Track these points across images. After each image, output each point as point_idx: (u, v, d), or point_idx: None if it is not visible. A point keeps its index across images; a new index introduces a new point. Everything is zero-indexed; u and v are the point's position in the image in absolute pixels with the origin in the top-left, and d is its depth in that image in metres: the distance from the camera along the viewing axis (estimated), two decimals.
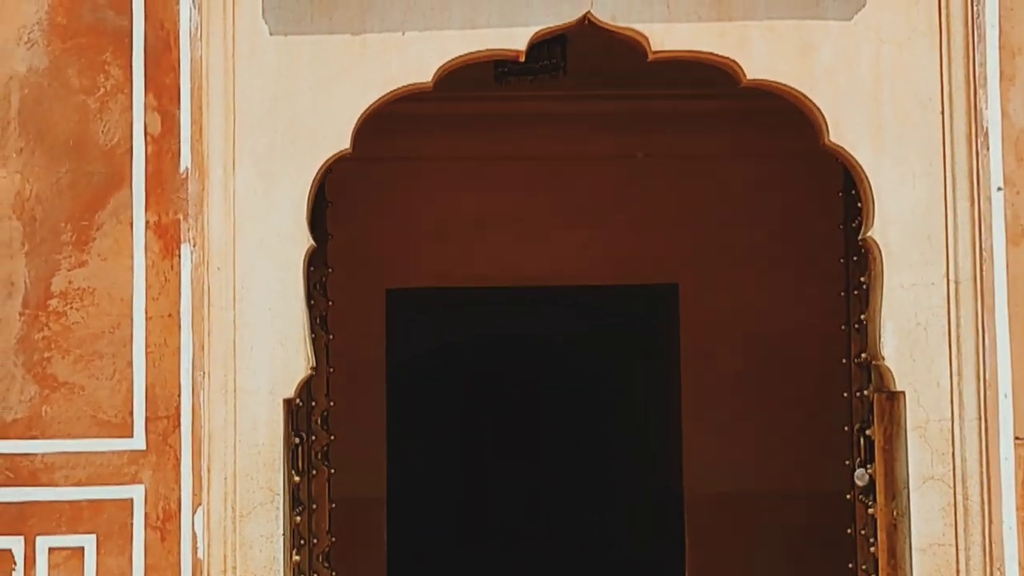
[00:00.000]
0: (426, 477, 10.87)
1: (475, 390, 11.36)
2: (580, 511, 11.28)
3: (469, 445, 11.48)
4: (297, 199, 4.94)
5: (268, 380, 4.93)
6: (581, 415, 11.27)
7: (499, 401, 11.39)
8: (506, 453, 11.51)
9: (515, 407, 11.42)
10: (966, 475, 4.91)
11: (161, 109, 4.90)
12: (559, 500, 11.44)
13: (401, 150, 8.39)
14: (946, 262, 4.95)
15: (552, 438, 11.45)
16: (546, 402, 11.38)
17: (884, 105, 4.98)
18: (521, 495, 11.57)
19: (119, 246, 4.87)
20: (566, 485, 11.41)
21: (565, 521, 11.34)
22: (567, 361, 11.16)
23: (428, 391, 10.87)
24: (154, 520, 4.84)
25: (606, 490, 11.12)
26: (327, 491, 6.02)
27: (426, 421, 10.86)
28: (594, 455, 11.20)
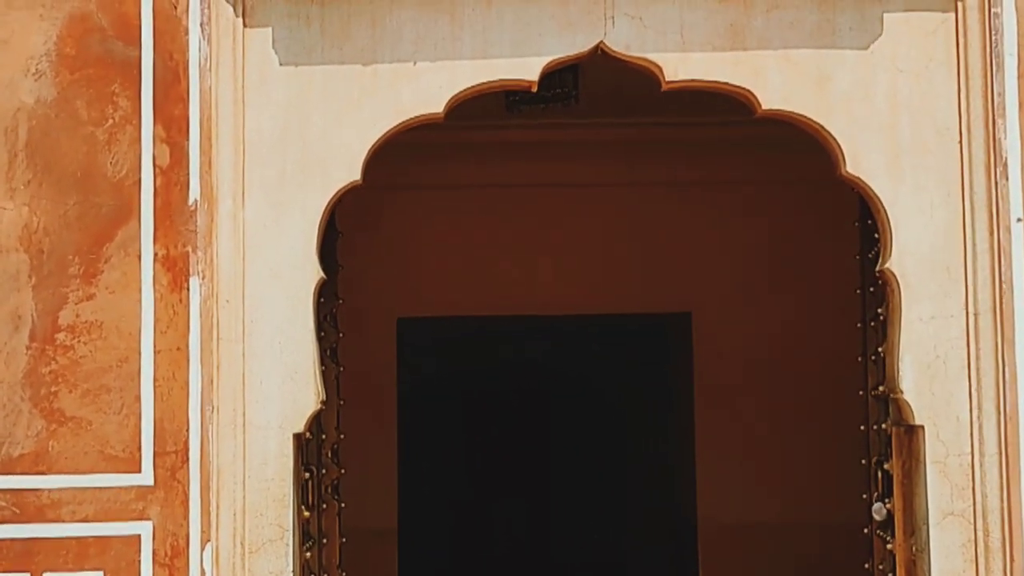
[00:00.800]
0: (436, 507, 10.79)
1: (486, 420, 11.29)
2: (592, 541, 11.20)
3: (480, 475, 11.40)
4: (307, 230, 4.89)
5: (278, 414, 4.86)
6: (593, 445, 11.19)
7: (511, 431, 11.31)
8: (518, 482, 11.43)
9: (527, 437, 11.34)
10: (987, 511, 4.83)
11: (170, 140, 4.85)
12: (570, 528, 11.35)
13: (412, 178, 8.35)
14: (965, 294, 4.88)
15: (564, 467, 11.37)
16: (558, 432, 11.30)
17: (901, 135, 4.91)
18: (532, 524, 11.49)
19: (127, 279, 4.82)
20: (578, 514, 11.33)
21: (576, 550, 11.26)
22: (579, 390, 11.09)
23: (439, 421, 10.80)
24: (162, 557, 4.77)
25: (619, 520, 11.04)
26: (338, 525, 5.95)
27: (437, 451, 10.79)
28: (607, 485, 11.12)
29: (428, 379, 10.14)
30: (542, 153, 8.38)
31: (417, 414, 9.38)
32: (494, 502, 11.44)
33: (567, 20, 4.94)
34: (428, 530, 10.44)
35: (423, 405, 9.87)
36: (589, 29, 4.94)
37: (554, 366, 10.85)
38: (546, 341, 10.17)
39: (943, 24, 4.93)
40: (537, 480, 11.44)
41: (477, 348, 10.26)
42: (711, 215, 8.48)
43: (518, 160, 8.37)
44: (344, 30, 4.92)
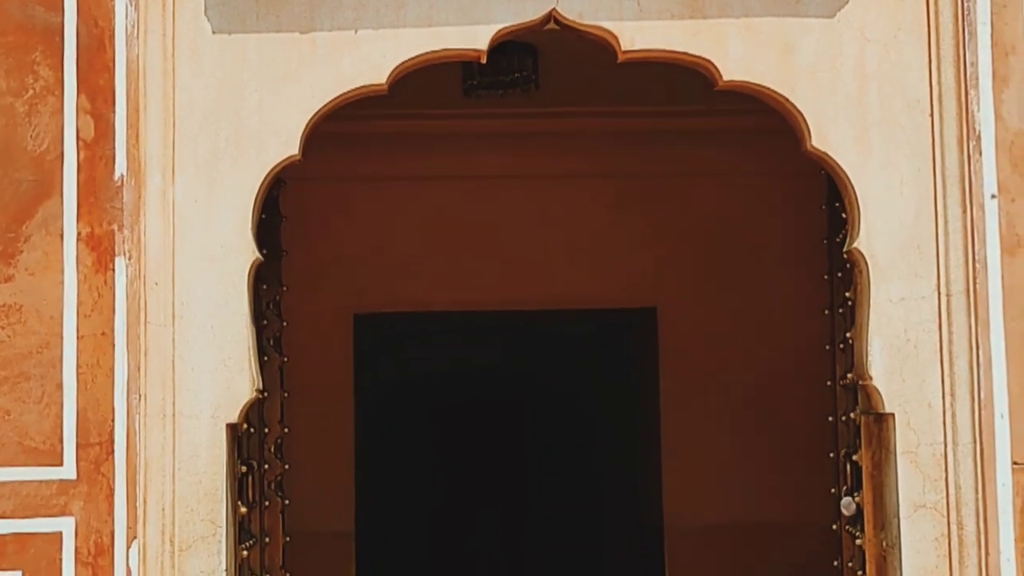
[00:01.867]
0: (397, 510, 10.54)
1: (448, 418, 11.07)
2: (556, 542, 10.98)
3: (442, 476, 11.17)
4: (242, 208, 4.61)
5: (210, 403, 4.58)
6: (556, 444, 10.98)
7: (473, 429, 11.09)
8: (479, 483, 11.20)
9: (489, 435, 11.11)
10: (960, 503, 4.58)
11: (94, 112, 4.56)
12: (534, 531, 11.13)
13: (368, 170, 8.17)
14: (937, 274, 4.63)
15: (527, 467, 11.16)
16: (521, 430, 11.09)
17: (870, 108, 4.66)
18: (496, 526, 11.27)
19: (48, 259, 4.52)
20: (541, 516, 11.10)
21: (541, 553, 11.03)
22: (543, 387, 10.87)
23: (399, 419, 10.56)
24: (85, 555, 4.48)
25: (583, 520, 10.83)
26: (281, 523, 5.68)
27: (397, 451, 10.55)
28: (570, 485, 10.90)
29: (386, 377, 9.90)
30: (502, 144, 8.18)
31: (375, 414, 9.14)
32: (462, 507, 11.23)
33: None
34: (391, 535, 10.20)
35: (382, 403, 9.64)
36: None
37: (517, 363, 10.63)
38: (508, 336, 9.94)
39: None
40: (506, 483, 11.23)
41: (437, 345, 10.03)
42: (674, 207, 8.30)
43: (478, 151, 8.18)
44: None
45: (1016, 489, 4.54)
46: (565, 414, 10.90)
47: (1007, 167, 4.61)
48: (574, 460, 10.89)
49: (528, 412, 11.02)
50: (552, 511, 11.00)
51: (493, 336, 9.87)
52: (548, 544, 11.02)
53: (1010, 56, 4.63)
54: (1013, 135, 4.62)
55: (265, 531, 5.47)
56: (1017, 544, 4.53)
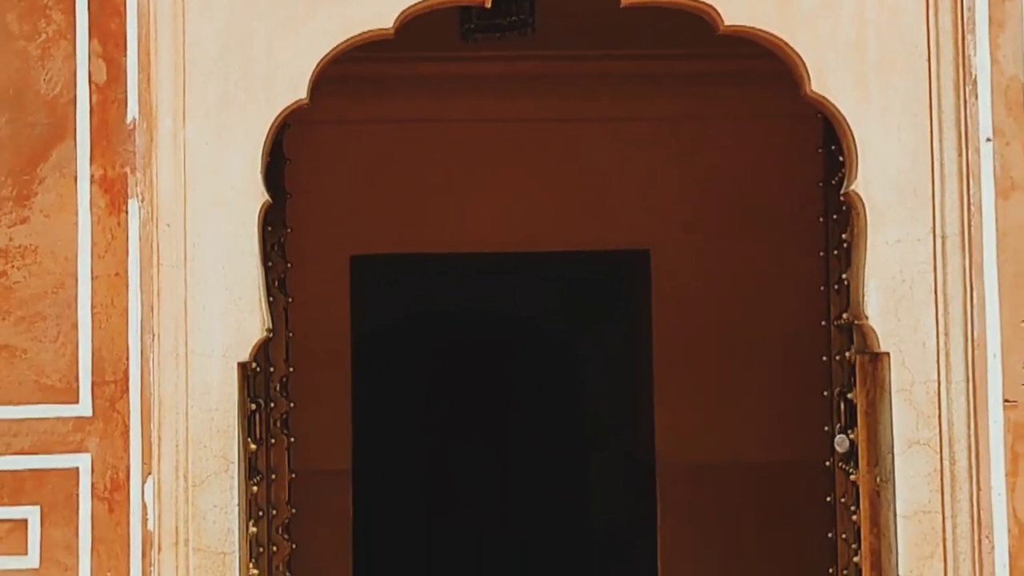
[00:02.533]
0: (392, 449, 10.65)
1: (442, 358, 11.14)
2: (549, 482, 11.10)
3: (436, 415, 11.27)
4: (251, 152, 4.68)
5: (221, 342, 4.67)
6: (550, 384, 11.07)
7: (466, 369, 11.17)
8: (474, 422, 11.31)
9: (483, 375, 11.20)
10: (953, 439, 4.71)
11: (106, 56, 4.62)
12: (528, 471, 11.25)
13: (367, 112, 8.19)
14: (932, 217, 4.73)
15: (520, 406, 11.25)
16: (514, 370, 11.18)
17: (868, 52, 4.75)
18: (489, 465, 11.38)
19: (63, 201, 4.60)
20: (535, 455, 11.22)
21: (534, 493, 11.16)
22: (536, 328, 10.95)
23: (394, 360, 10.64)
24: (101, 490, 4.58)
25: (576, 460, 10.94)
26: (287, 460, 5.80)
27: (392, 391, 10.64)
28: (563, 425, 11.01)
29: (383, 317, 9.98)
30: (498, 86, 8.22)
31: (372, 354, 9.23)
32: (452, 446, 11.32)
33: None
34: (383, 472, 10.31)
35: (378, 344, 9.72)
36: None
37: (509, 303, 10.71)
38: (502, 278, 10.01)
39: None
40: (496, 423, 11.32)
41: (431, 286, 10.10)
42: (670, 150, 8.35)
43: (473, 94, 8.22)
44: None
45: (1007, 426, 4.66)
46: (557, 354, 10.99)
47: (1002, 111, 4.70)
48: (566, 399, 11.00)
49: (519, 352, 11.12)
50: (543, 449, 11.12)
51: (487, 277, 9.93)
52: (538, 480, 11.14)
53: (1006, 1, 4.71)
54: (1008, 79, 4.70)
55: (271, 468, 5.58)
56: (1007, 479, 4.66)
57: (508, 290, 10.40)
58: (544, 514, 11.01)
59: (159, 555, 4.60)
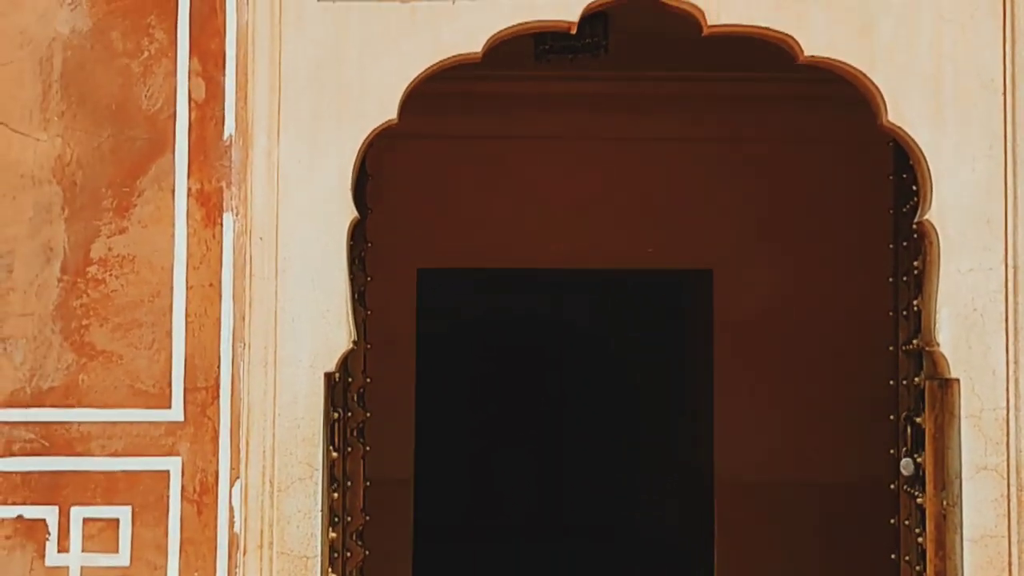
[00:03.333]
0: (452, 459, 10.79)
1: (504, 373, 11.28)
2: (608, 498, 11.20)
3: (496, 431, 11.40)
4: (342, 169, 4.84)
5: (309, 353, 4.83)
6: (612, 402, 11.18)
7: (527, 384, 11.30)
8: (534, 439, 11.43)
9: (543, 391, 11.33)
10: (1020, 465, 4.79)
11: (205, 75, 4.80)
12: (586, 486, 11.36)
13: (439, 128, 8.29)
14: (1005, 247, 4.82)
15: (582, 425, 11.36)
16: (577, 388, 11.29)
17: (944, 85, 4.85)
18: (548, 480, 11.50)
19: (160, 213, 4.78)
20: (594, 471, 11.33)
21: (590, 507, 11.26)
22: (599, 345, 11.07)
23: (457, 373, 10.78)
24: (191, 493, 4.75)
25: (637, 478, 11.04)
26: (362, 469, 5.92)
27: (453, 404, 10.78)
28: (626, 443, 11.11)
29: (446, 331, 10.12)
30: (568, 105, 8.34)
31: (435, 366, 9.37)
32: (505, 460, 11.44)
33: None
34: (443, 484, 10.44)
35: (441, 357, 9.86)
36: None
37: (574, 321, 10.83)
38: (568, 296, 10.14)
39: None
40: (549, 438, 11.44)
41: (497, 301, 10.24)
42: (734, 171, 8.46)
43: (544, 112, 8.35)
44: None
45: None
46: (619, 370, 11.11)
47: None
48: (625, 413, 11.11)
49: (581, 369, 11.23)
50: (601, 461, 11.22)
51: (553, 294, 10.07)
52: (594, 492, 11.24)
53: None
54: None
55: (347, 475, 5.71)
56: None
57: (573, 308, 10.53)
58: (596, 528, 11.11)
59: (244, 557, 4.76)
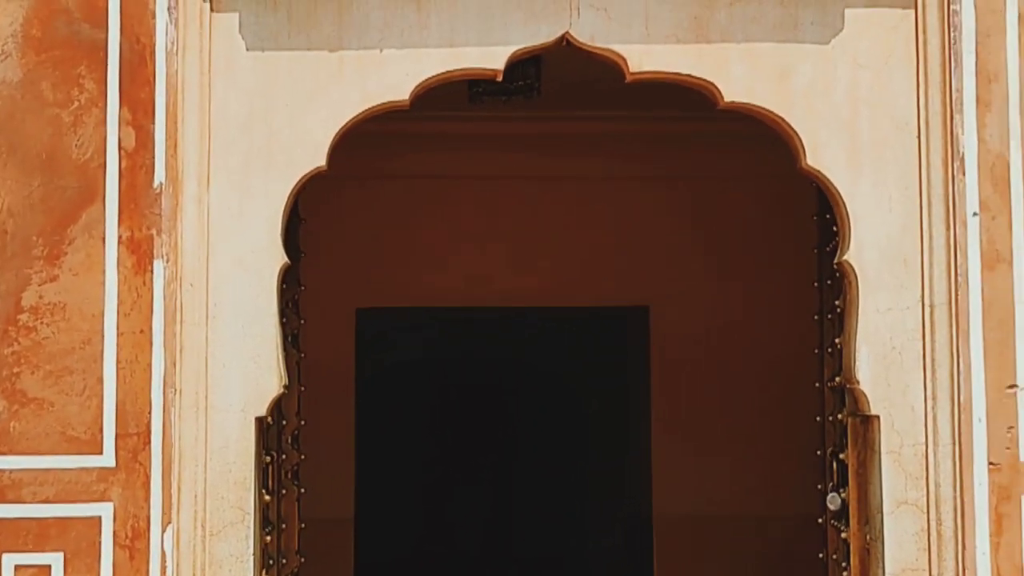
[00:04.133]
0: (393, 497, 10.81)
1: (444, 410, 11.33)
2: (548, 533, 11.26)
3: (437, 465, 11.44)
4: (272, 215, 4.91)
5: (240, 398, 4.88)
6: (551, 437, 11.26)
7: (468, 421, 11.36)
8: (474, 473, 11.48)
9: (484, 428, 11.39)
10: (940, 500, 4.91)
11: (135, 124, 4.85)
12: (527, 521, 11.41)
13: (374, 168, 8.38)
14: (922, 286, 4.95)
15: (521, 458, 11.43)
16: (515, 423, 11.36)
17: (861, 129, 4.98)
18: (489, 515, 11.54)
19: (91, 261, 4.82)
20: (539, 507, 11.38)
21: (532, 542, 11.32)
22: (537, 382, 11.14)
23: (396, 411, 10.83)
24: (123, 538, 4.77)
25: (575, 512, 11.10)
26: (297, 511, 5.98)
27: (393, 441, 10.82)
28: (564, 477, 11.18)
29: (386, 370, 10.16)
30: (504, 145, 8.43)
31: (375, 405, 9.41)
32: (456, 494, 11.47)
33: (532, 10, 4.98)
34: (387, 521, 10.45)
35: (380, 395, 9.89)
36: (554, 20, 4.98)
37: (512, 358, 10.90)
38: (504, 332, 10.21)
39: (903, 20, 4.99)
40: (498, 472, 11.49)
41: (435, 339, 10.30)
42: (669, 209, 8.57)
43: (480, 151, 8.43)
44: (311, 16, 4.94)
45: (991, 487, 4.86)
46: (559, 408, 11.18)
47: (988, 187, 4.93)
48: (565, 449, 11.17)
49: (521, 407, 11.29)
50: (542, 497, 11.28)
51: (489, 332, 10.14)
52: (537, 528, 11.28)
53: (993, 83, 4.94)
54: (994, 157, 4.93)
55: (282, 518, 5.76)
56: (991, 539, 4.85)
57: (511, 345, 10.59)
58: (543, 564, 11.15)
59: None
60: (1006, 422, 4.88)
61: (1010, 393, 4.88)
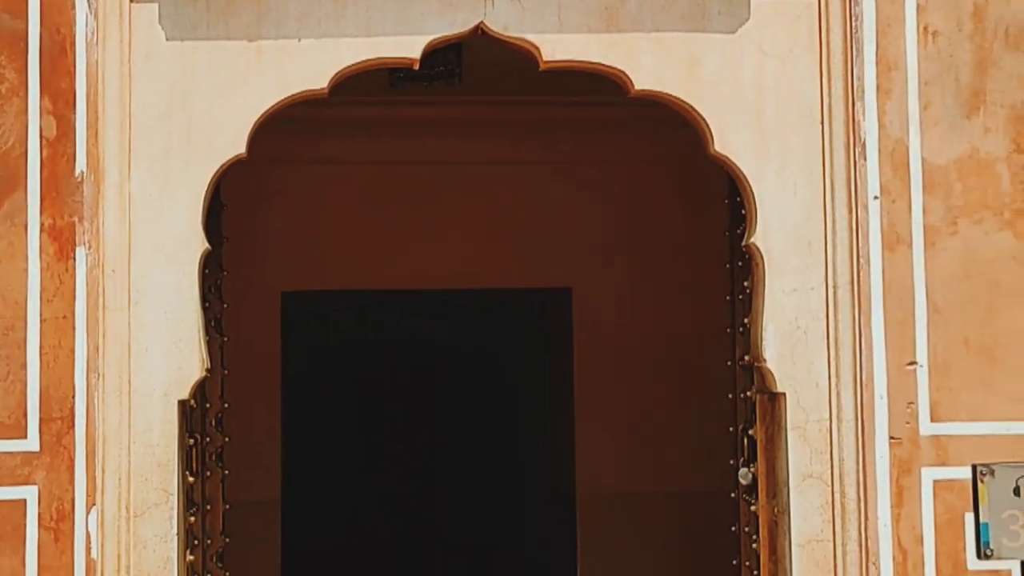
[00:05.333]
0: (321, 479, 10.89)
1: (370, 392, 11.41)
2: (474, 513, 11.38)
3: (364, 447, 11.53)
4: (192, 203, 5.00)
5: (163, 382, 4.98)
6: (476, 418, 11.37)
7: (394, 403, 11.45)
8: (402, 455, 11.57)
9: (411, 410, 11.48)
10: (844, 473, 5.09)
11: (56, 113, 4.93)
12: (453, 501, 11.52)
13: (296, 153, 8.42)
14: (825, 268, 5.12)
15: (448, 440, 11.54)
16: (442, 404, 11.46)
17: (767, 116, 5.15)
18: (416, 496, 11.64)
19: (14, 248, 4.89)
20: (461, 487, 11.50)
21: (459, 522, 11.43)
22: (463, 364, 11.25)
23: (323, 394, 10.90)
24: (48, 521, 4.86)
25: (501, 492, 11.22)
26: (221, 492, 6.07)
27: (321, 424, 10.89)
28: (489, 458, 11.30)
29: (312, 352, 10.24)
30: (425, 130, 8.50)
31: (301, 388, 9.48)
32: (385, 476, 11.55)
33: (448, 0, 5.09)
34: (315, 504, 10.53)
35: (307, 378, 9.97)
36: (469, 9, 5.10)
37: (437, 340, 11.00)
38: (429, 315, 10.32)
39: (807, 10, 5.16)
40: (426, 455, 11.58)
41: (360, 322, 10.38)
42: (592, 192, 8.67)
43: (402, 137, 8.49)
44: (229, 6, 5.03)
45: (892, 461, 5.05)
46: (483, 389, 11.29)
47: (889, 171, 5.11)
48: (490, 430, 11.29)
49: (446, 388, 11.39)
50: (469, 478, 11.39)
51: (413, 314, 10.24)
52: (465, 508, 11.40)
53: (892, 71, 5.12)
54: (894, 142, 5.11)
55: (207, 499, 5.86)
56: (893, 510, 5.04)
57: (432, 327, 10.70)
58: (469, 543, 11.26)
59: None
60: (906, 398, 5.06)
61: (910, 370, 5.07)
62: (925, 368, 5.07)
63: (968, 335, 5.07)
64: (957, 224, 5.10)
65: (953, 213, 5.11)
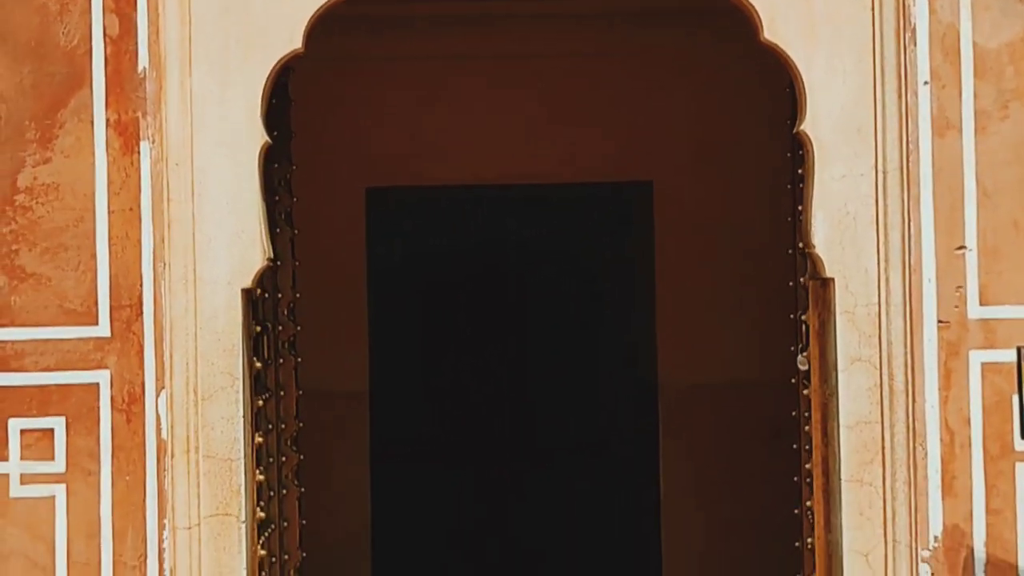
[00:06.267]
0: (408, 377, 11.09)
1: (454, 288, 11.56)
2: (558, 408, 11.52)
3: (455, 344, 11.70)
4: (251, 98, 5.14)
5: (226, 271, 5.16)
6: (559, 312, 11.48)
7: (477, 299, 11.59)
8: (485, 352, 11.73)
9: (494, 305, 11.62)
10: (891, 356, 5.15)
11: (119, 11, 5.09)
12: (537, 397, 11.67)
13: (377, 49, 8.54)
14: (875, 154, 5.15)
15: (531, 334, 11.67)
16: (524, 299, 11.58)
17: (816, 2, 5.15)
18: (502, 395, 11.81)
19: (81, 144, 5.08)
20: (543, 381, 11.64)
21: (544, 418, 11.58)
22: (544, 257, 11.34)
23: (408, 290, 11.07)
24: (120, 403, 5.09)
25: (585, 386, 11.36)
26: (294, 379, 6.28)
27: (407, 320, 11.08)
28: (572, 352, 11.41)
29: (397, 248, 10.41)
30: (504, 23, 8.55)
31: (386, 284, 9.67)
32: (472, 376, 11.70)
33: None
34: (402, 399, 10.74)
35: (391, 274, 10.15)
36: None
37: (520, 234, 11.10)
38: (511, 208, 10.42)
39: None
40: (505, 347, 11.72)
41: (442, 218, 10.51)
42: (673, 85, 8.69)
43: (481, 30, 8.54)
44: None
45: (940, 344, 5.09)
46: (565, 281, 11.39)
47: (939, 56, 5.10)
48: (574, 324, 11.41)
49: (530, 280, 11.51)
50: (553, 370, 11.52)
51: (495, 209, 10.34)
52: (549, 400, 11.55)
53: None
54: (945, 27, 5.10)
55: (280, 385, 6.08)
56: (940, 392, 5.10)
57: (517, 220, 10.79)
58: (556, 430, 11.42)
59: (172, 461, 5.13)
60: (955, 282, 5.10)
61: (958, 254, 5.10)
62: (974, 252, 5.09)
63: (1017, 218, 5.08)
64: (1008, 108, 5.09)
65: (1004, 97, 5.10)
